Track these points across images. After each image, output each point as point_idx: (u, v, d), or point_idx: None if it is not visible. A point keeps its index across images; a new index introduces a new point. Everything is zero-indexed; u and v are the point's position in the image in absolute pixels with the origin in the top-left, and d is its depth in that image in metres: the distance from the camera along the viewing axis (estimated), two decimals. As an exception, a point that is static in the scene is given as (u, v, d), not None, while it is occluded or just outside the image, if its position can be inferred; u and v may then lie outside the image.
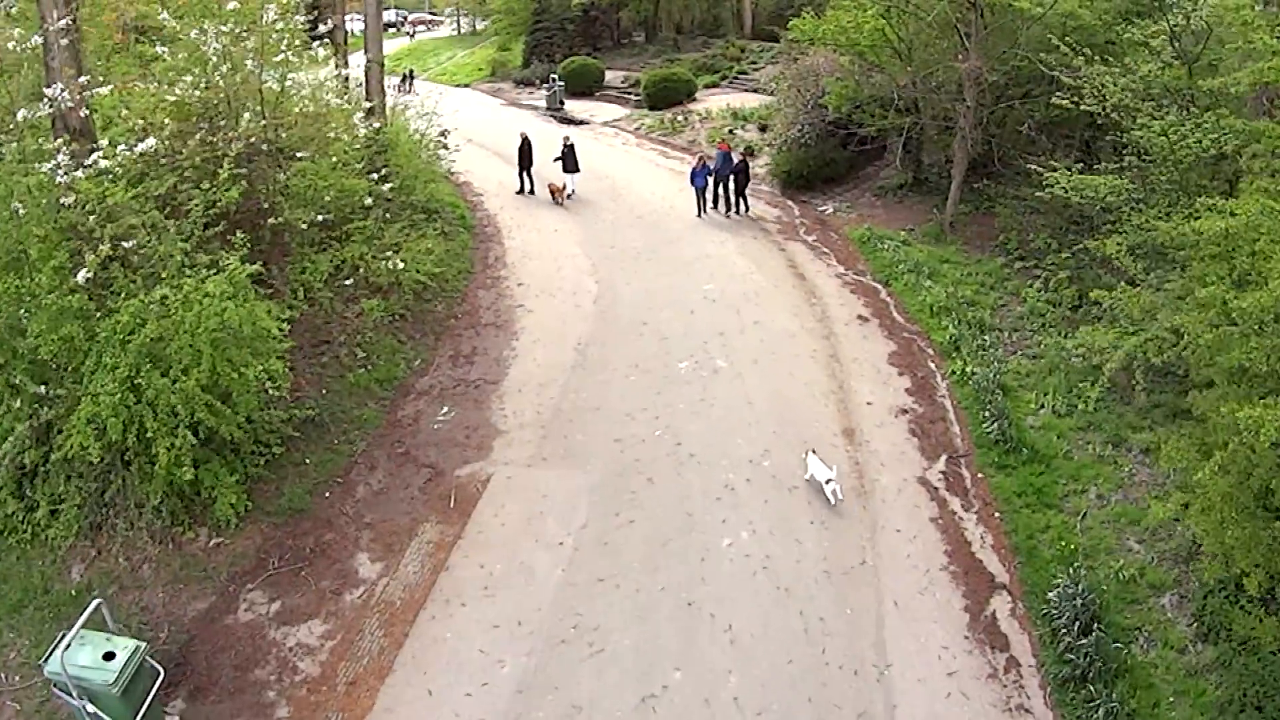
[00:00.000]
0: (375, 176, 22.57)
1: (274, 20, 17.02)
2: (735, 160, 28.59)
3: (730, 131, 36.04)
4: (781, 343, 20.69)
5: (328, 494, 16.50)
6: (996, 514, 15.71)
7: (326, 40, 22.09)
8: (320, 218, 17.29)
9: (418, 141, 27.54)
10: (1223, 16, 17.01)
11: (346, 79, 26.28)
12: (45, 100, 14.87)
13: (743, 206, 28.99)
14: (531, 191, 31.37)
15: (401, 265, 18.88)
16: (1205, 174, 17.32)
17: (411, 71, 51.13)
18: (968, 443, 17.52)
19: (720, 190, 28.78)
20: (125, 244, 14.89)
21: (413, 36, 67.08)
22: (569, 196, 30.40)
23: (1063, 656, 12.78)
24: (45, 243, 14.06)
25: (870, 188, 30.40)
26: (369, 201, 19.16)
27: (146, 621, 14.49)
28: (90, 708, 11.77)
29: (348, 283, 18.73)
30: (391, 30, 68.10)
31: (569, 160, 30.31)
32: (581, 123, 41.82)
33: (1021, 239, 24.23)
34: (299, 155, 17.01)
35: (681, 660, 12.92)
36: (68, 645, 11.71)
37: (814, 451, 16.37)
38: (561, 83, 44.34)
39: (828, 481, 15.67)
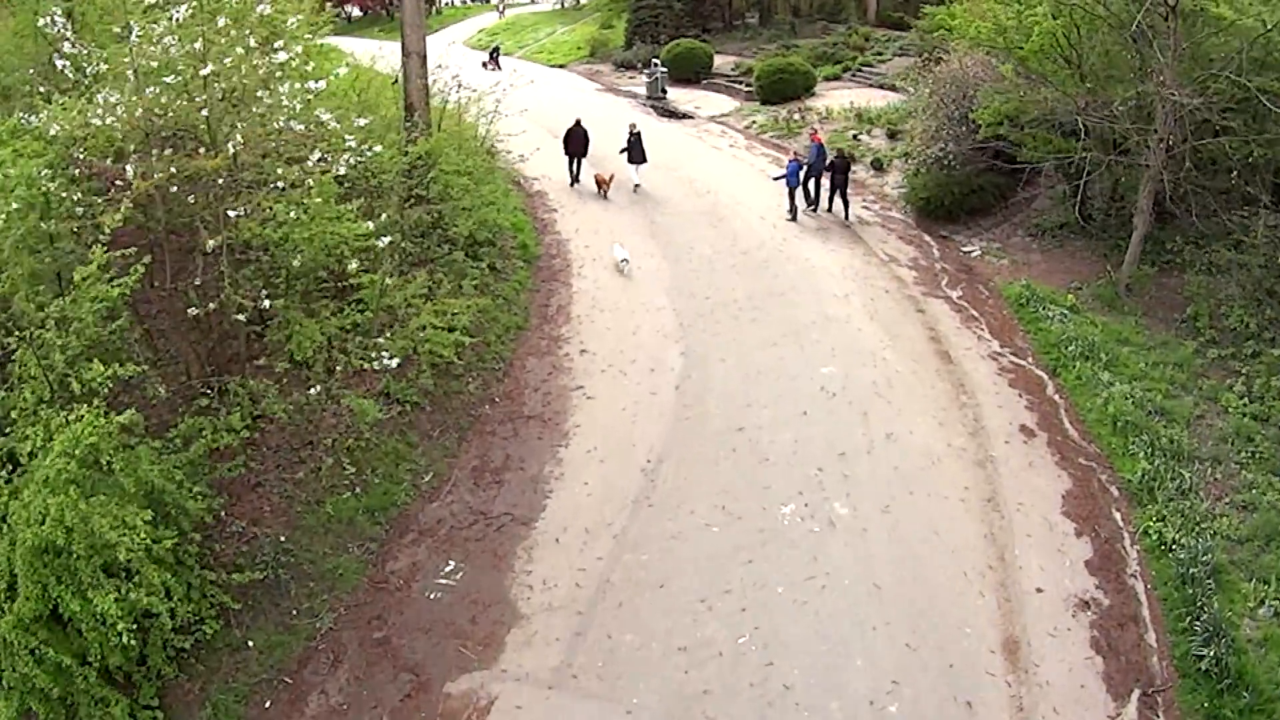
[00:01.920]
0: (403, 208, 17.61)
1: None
2: (831, 156, 25.28)
3: (854, 137, 30.31)
4: (922, 473, 14.92)
5: (269, 703, 11.59)
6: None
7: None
8: (268, 303, 12.06)
9: (473, 149, 22.42)
10: None
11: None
12: None
13: (842, 209, 25.30)
14: (578, 181, 28.25)
15: (395, 363, 13.56)
16: None
17: (498, 49, 46.26)
18: (1168, 665, 11.83)
19: (811, 187, 25.34)
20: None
21: (502, 12, 61.50)
22: (635, 189, 27.37)
23: None
24: None
25: (1023, 223, 24.46)
26: (350, 267, 13.71)
27: None
28: None
29: (311, 392, 13.50)
30: (494, 2, 62.69)
31: (635, 150, 27.02)
32: (685, 116, 36.31)
33: (1214, 313, 18.73)
34: (229, 212, 11.70)
35: None
36: None
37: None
38: (664, 68, 38.73)
39: (623, 260, 19.82)
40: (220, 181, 11.53)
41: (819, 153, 25.21)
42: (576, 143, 27.48)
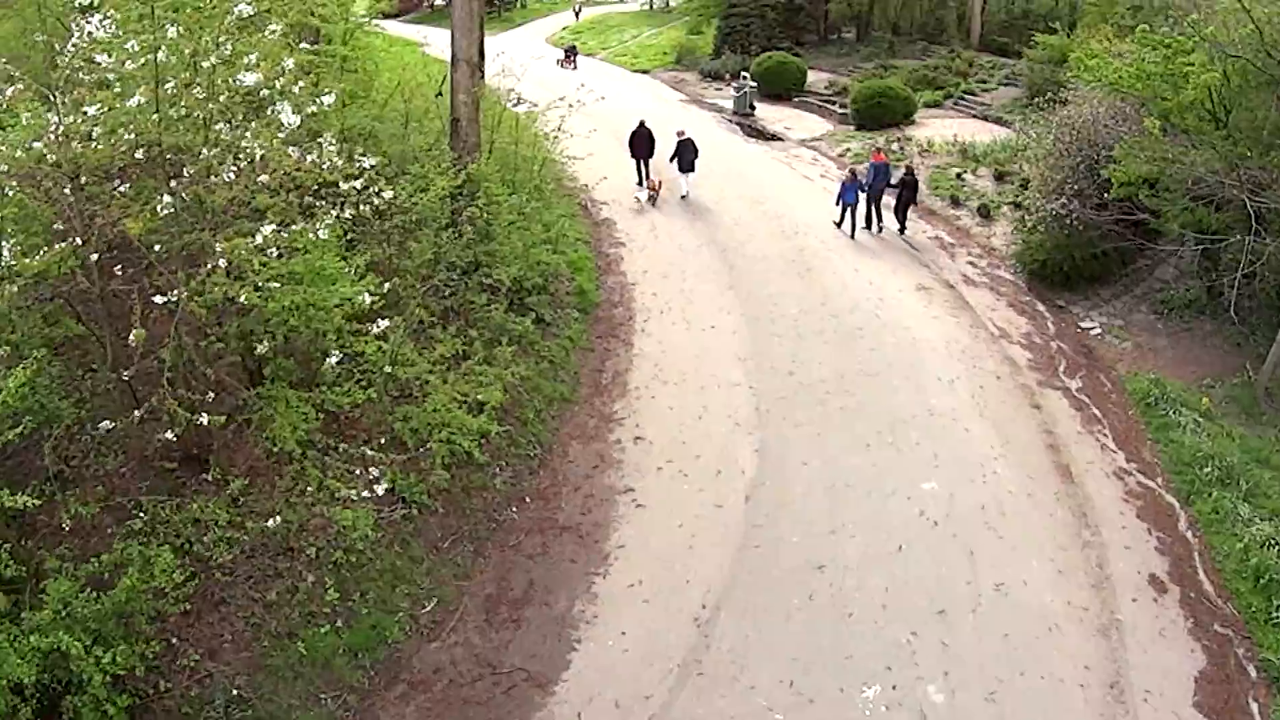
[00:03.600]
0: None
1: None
2: (899, 175, 24.15)
3: (958, 176, 27.13)
4: (1036, 644, 11.81)
5: None
6: None
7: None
8: (206, 418, 9.24)
9: (528, 178, 19.66)
10: None
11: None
12: None
13: (898, 226, 24.31)
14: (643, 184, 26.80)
15: (383, 489, 10.64)
16: None
17: (574, 47, 43.73)
18: None
19: (872, 208, 24.17)
20: None
21: (579, 14, 58.44)
22: (683, 197, 26.27)
23: None
24: None
25: (1146, 296, 21.19)
26: (327, 364, 10.90)
27: None
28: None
29: (271, 523, 10.69)
30: (574, 5, 59.54)
31: (683, 157, 25.77)
32: (773, 138, 33.24)
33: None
34: (157, 298, 8.90)
35: None
36: None
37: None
38: (753, 83, 35.63)
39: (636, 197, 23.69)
40: (156, 248, 8.84)
41: (877, 173, 23.89)
42: (641, 144, 26.37)
